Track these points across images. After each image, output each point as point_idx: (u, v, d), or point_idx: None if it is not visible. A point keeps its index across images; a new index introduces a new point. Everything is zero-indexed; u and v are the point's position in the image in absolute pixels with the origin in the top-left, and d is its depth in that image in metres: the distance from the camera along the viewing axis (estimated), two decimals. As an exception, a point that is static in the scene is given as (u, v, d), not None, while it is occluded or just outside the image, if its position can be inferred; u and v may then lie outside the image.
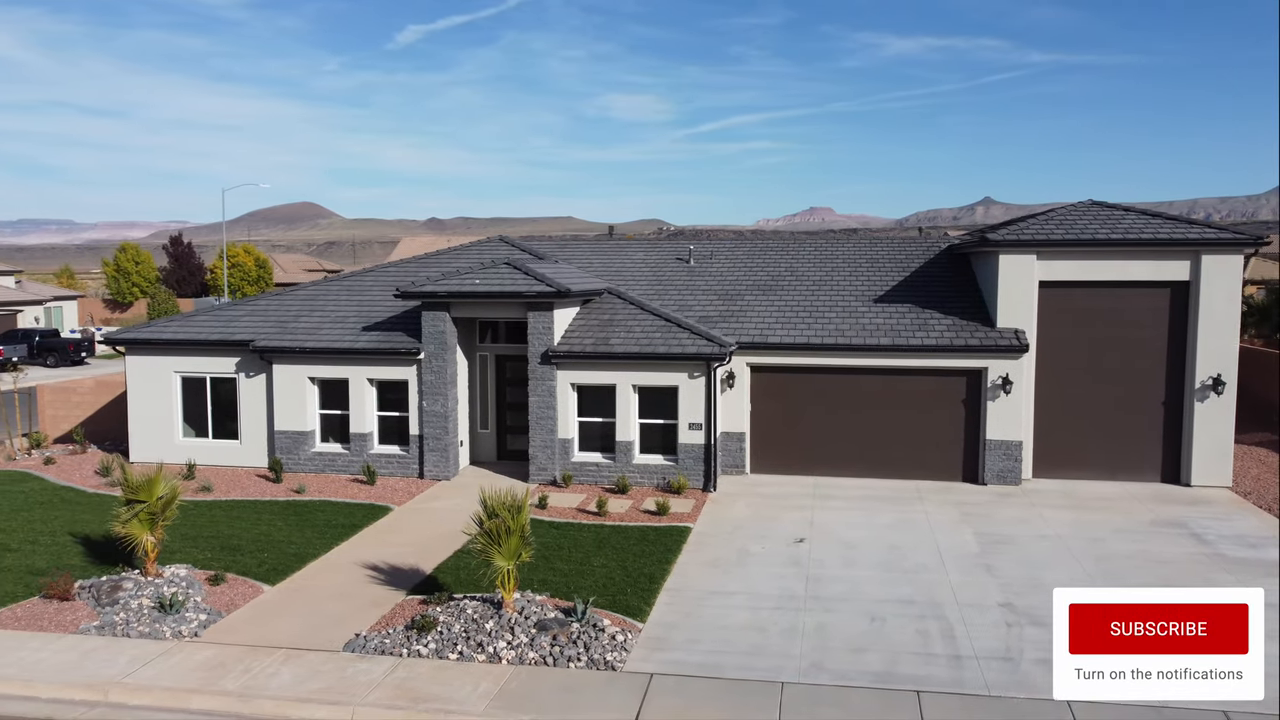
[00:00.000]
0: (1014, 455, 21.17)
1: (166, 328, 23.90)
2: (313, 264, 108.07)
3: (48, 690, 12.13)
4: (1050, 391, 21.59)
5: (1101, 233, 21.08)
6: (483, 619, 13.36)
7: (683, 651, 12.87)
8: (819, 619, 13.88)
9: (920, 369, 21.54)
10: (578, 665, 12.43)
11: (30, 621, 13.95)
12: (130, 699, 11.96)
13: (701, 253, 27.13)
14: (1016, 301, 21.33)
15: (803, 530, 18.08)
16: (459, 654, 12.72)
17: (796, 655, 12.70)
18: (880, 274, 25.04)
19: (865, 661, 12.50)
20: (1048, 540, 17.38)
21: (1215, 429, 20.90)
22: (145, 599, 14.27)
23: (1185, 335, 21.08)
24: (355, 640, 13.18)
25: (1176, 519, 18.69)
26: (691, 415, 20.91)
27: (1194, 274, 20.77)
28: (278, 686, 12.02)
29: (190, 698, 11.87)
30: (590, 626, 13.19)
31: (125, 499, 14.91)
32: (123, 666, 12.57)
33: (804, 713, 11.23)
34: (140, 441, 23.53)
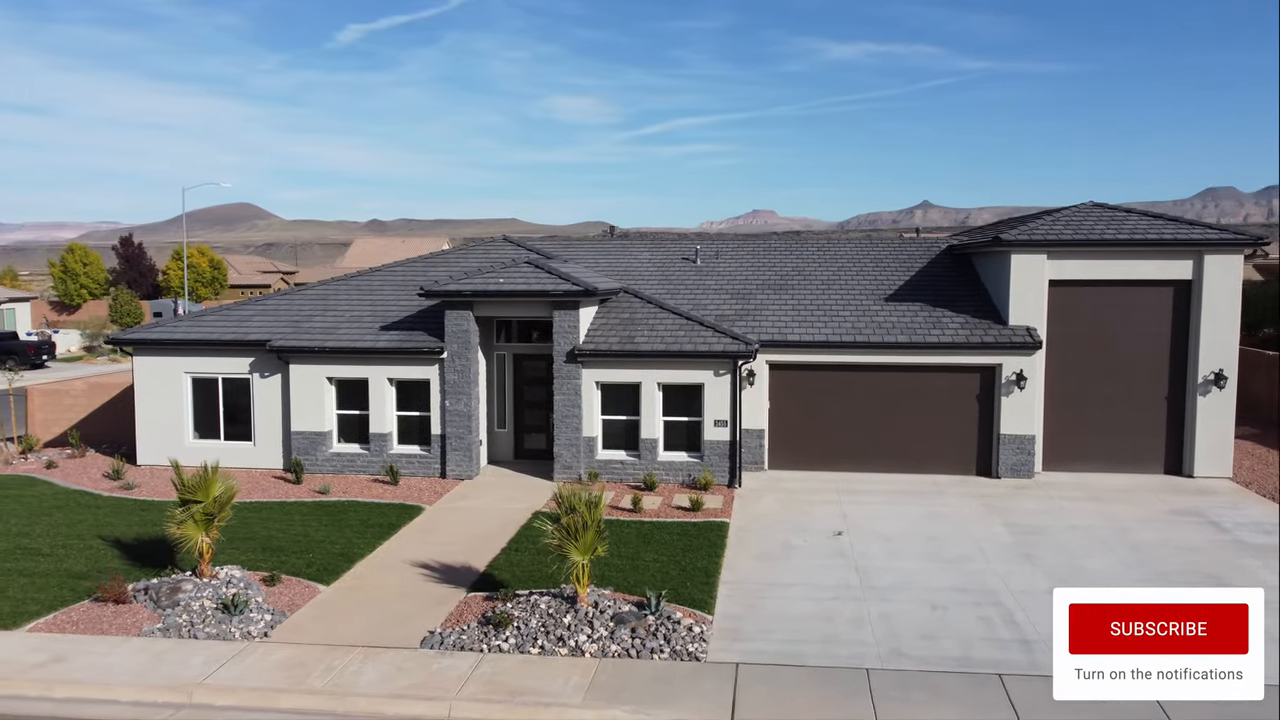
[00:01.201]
0: (1027, 449, 21.80)
1: (177, 328, 23.47)
2: (267, 265, 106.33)
3: (128, 693, 11.95)
4: (1059, 387, 22.27)
5: (1109, 233, 21.81)
6: (559, 614, 13.44)
7: (759, 642, 13.09)
8: (881, 608, 14.21)
9: (936, 366, 22.08)
10: (661, 657, 12.59)
11: (90, 625, 13.69)
12: (216, 699, 11.84)
13: (707, 252, 27.43)
14: (1028, 299, 21.96)
15: (837, 524, 18.43)
16: (540, 648, 12.79)
17: (871, 643, 13.01)
18: (886, 274, 25.57)
19: (940, 647, 12.85)
20: (1077, 530, 17.96)
21: (1217, 422, 21.75)
22: (206, 600, 14.09)
23: (1188, 332, 21.91)
24: (431, 637, 13.18)
25: (1191, 508, 19.42)
26: (717, 412, 21.16)
27: (1196, 273, 21.60)
28: (366, 684, 11.98)
29: (279, 697, 11.79)
30: (665, 619, 13.36)
31: (180, 499, 14.68)
32: (199, 668, 12.43)
33: (896, 696, 11.53)
34: (148, 444, 23.08)
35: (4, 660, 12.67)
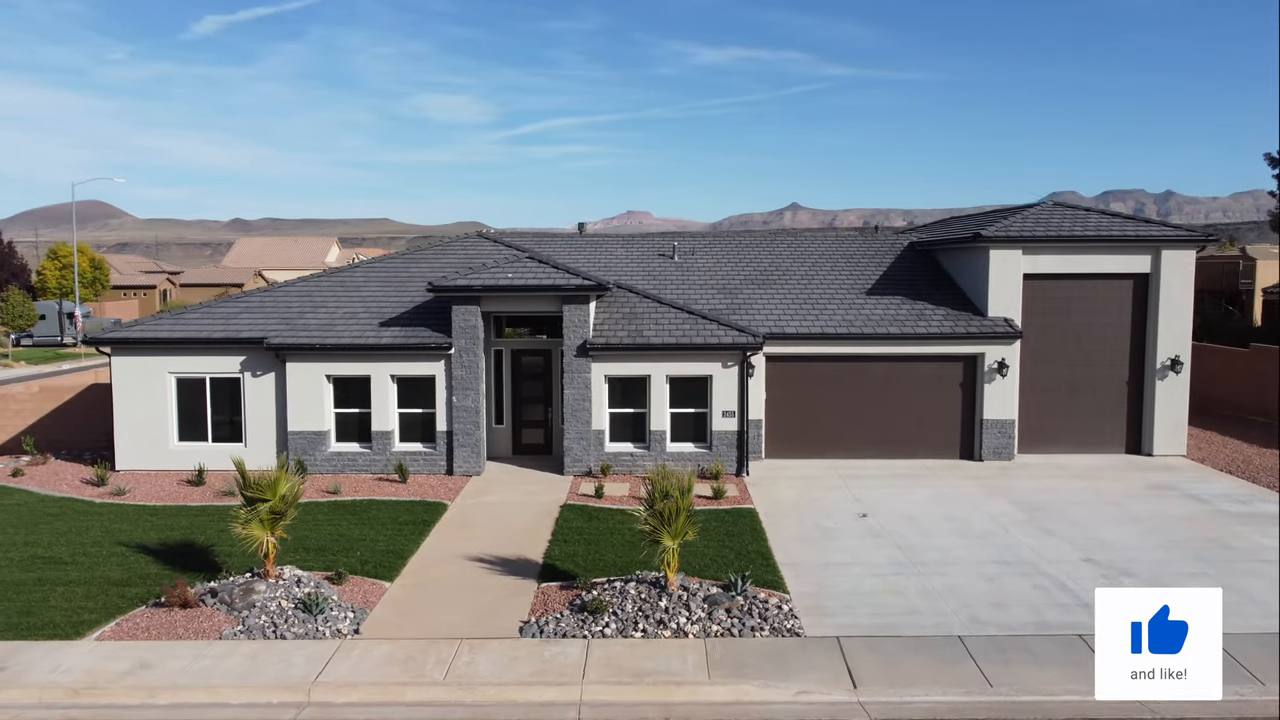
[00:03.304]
0: (1007, 433, 23.16)
1: (159, 326, 22.43)
2: (150, 265, 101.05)
3: (237, 695, 11.64)
4: (1031, 374, 23.73)
5: (1077, 230, 23.40)
6: (651, 598, 13.71)
7: (845, 616, 13.68)
8: (941, 581, 15.03)
9: (922, 355, 23.21)
10: (762, 635, 13.03)
11: (163, 631, 13.17)
12: (336, 697, 11.65)
13: (683, 248, 27.94)
14: (1005, 292, 23.34)
15: (856, 507, 19.23)
16: (642, 632, 13.04)
17: (948, 612, 13.79)
18: (858, 269, 26.64)
19: (1013, 614, 13.72)
20: (1078, 506, 19.27)
21: (1173, 404, 23.61)
22: (284, 600, 13.75)
23: (1146, 321, 23.70)
24: (528, 626, 13.25)
25: (1166, 483, 21.08)
26: (725, 403, 21.71)
27: (1155, 267, 23.40)
28: (486, 674, 12.00)
29: (404, 690, 11.69)
30: (753, 599, 13.80)
31: (246, 498, 14.25)
32: (304, 666, 12.18)
33: (996, 659, 12.29)
34: (128, 448, 22.02)
35: (88, 670, 12.11)
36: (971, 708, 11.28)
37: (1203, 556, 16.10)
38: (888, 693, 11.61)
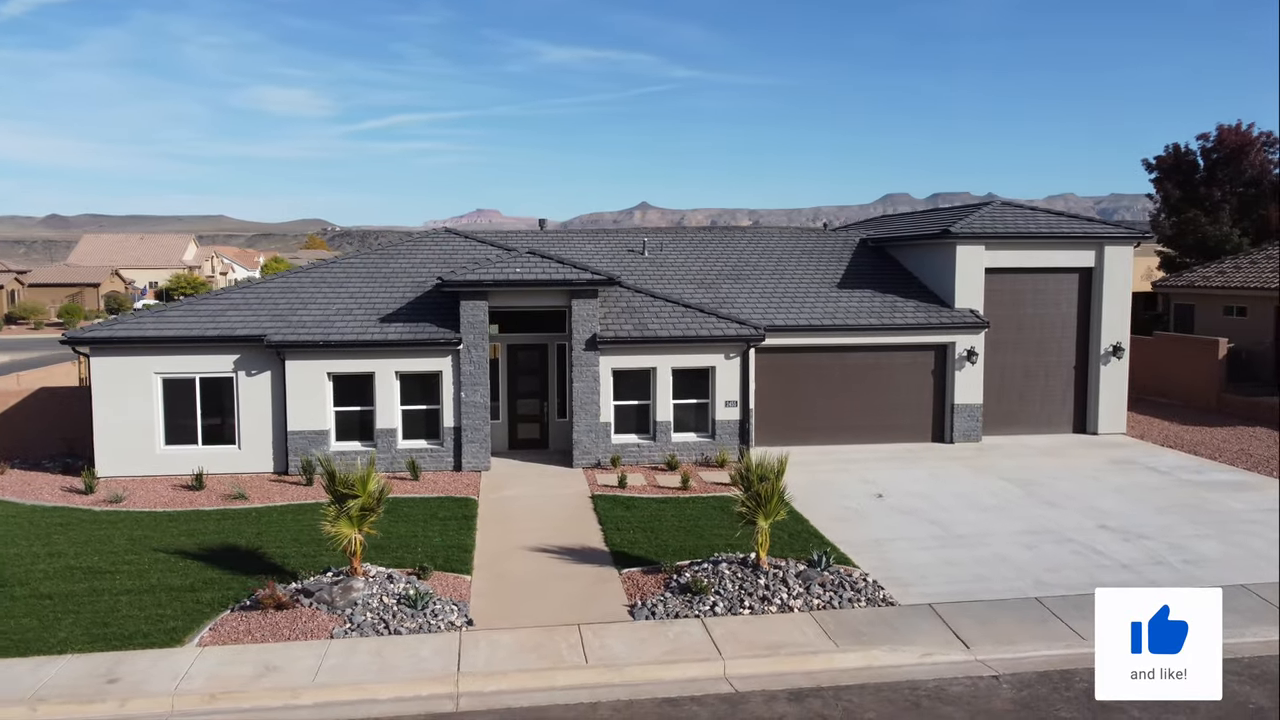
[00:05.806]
0: (975, 417, 24.84)
1: (142, 324, 21.30)
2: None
3: (384, 691, 11.56)
4: (992, 361, 25.51)
5: (1033, 227, 25.33)
6: (749, 577, 14.27)
7: (924, 586, 14.62)
8: (988, 551, 16.22)
9: (898, 345, 24.60)
10: (859, 605, 13.83)
11: (268, 633, 12.82)
12: (485, 686, 11.72)
13: (652, 244, 28.50)
14: (971, 285, 25.00)
15: (865, 488, 20.33)
16: (749, 609, 13.61)
17: (1012, 577, 14.96)
18: (822, 264, 27.90)
19: (1070, 576, 15.00)
20: (1064, 480, 20.97)
21: (1115, 387, 25.87)
22: (384, 597, 13.60)
23: (1090, 311, 25.87)
24: (639, 609, 13.60)
25: (1124, 459, 23.14)
26: (727, 393, 22.43)
27: (1098, 261, 25.58)
28: (624, 654, 12.31)
29: (553, 675, 11.87)
30: (837, 574, 14.58)
31: (334, 495, 13.97)
32: (437, 659, 12.17)
33: (1075, 614, 13.46)
34: (110, 453, 20.83)
35: (212, 676, 11.72)
36: (1076, 659, 12.38)
37: (1195, 520, 17.92)
38: (999, 650, 12.60)
